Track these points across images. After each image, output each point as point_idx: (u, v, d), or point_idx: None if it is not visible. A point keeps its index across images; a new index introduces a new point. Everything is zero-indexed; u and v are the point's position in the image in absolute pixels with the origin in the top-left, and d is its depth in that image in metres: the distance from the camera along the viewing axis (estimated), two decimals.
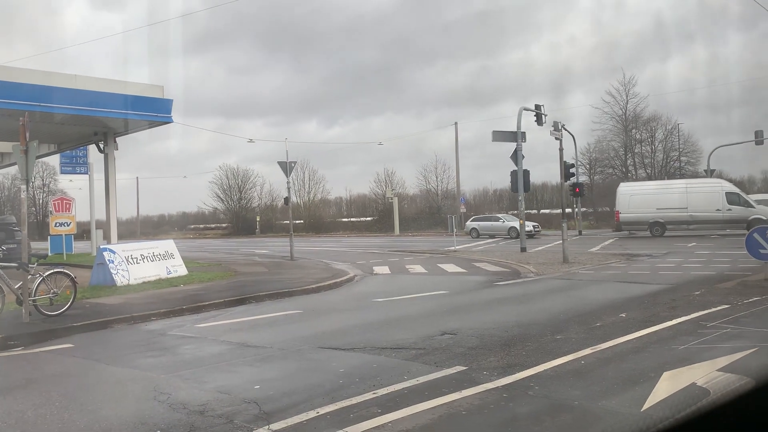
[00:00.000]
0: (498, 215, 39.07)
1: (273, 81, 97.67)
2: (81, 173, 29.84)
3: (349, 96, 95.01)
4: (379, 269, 18.44)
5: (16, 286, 9.99)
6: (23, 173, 10.06)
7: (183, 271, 16.42)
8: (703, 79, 72.05)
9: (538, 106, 24.23)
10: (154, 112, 17.38)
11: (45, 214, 53.21)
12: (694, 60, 63.58)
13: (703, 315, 8.59)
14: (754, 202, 29.83)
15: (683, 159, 52.24)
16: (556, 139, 20.07)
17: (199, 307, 11.13)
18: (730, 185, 31.78)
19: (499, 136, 24.17)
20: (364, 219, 61.75)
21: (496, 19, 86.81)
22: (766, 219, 26.39)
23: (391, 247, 29.69)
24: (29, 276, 10.02)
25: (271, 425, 4.62)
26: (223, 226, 70.19)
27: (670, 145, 52.50)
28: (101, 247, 15.72)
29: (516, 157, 23.61)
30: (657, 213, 30.84)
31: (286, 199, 25.19)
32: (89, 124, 17.84)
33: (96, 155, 23.28)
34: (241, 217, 66.16)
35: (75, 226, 27.01)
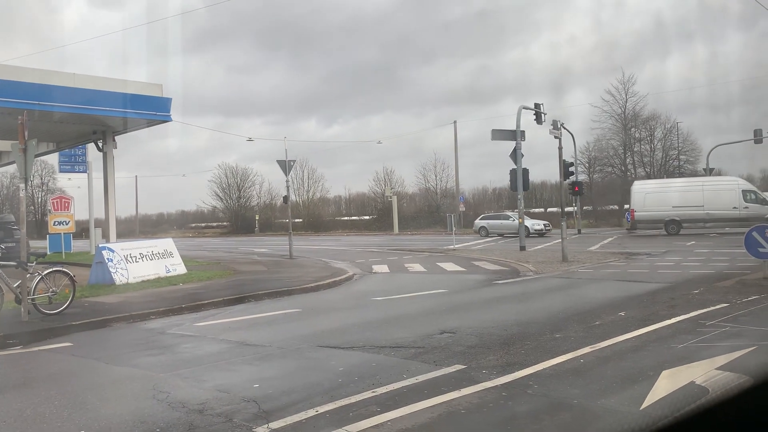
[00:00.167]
0: (508, 213, 38.14)
1: (272, 79, 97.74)
2: (80, 172, 29.84)
3: (348, 95, 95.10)
4: (378, 268, 18.44)
5: (15, 285, 9.98)
6: (22, 172, 10.05)
7: (182, 269, 16.42)
8: (703, 77, 72.22)
9: (537, 104, 24.24)
10: (153, 110, 17.36)
11: (44, 213, 53.14)
12: (694, 59, 63.69)
13: (702, 314, 8.59)
14: None
15: (682, 158, 52.28)
16: (556, 137, 20.05)
17: (198, 305, 11.13)
18: (746, 183, 31.64)
19: (498, 134, 24.19)
20: (364, 218, 61.77)
21: (495, 18, 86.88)
22: None
23: (390, 246, 29.71)
24: (28, 275, 10.01)
25: (270, 424, 4.62)
26: (222, 224, 70.19)
27: (669, 143, 52.54)
28: (100, 245, 15.72)
29: (515, 155, 23.63)
30: (673, 211, 30.63)
31: (285, 197, 25.16)
32: (88, 122, 17.81)
33: (95, 154, 23.30)
34: (240, 215, 66.19)
35: (74, 225, 26.98)
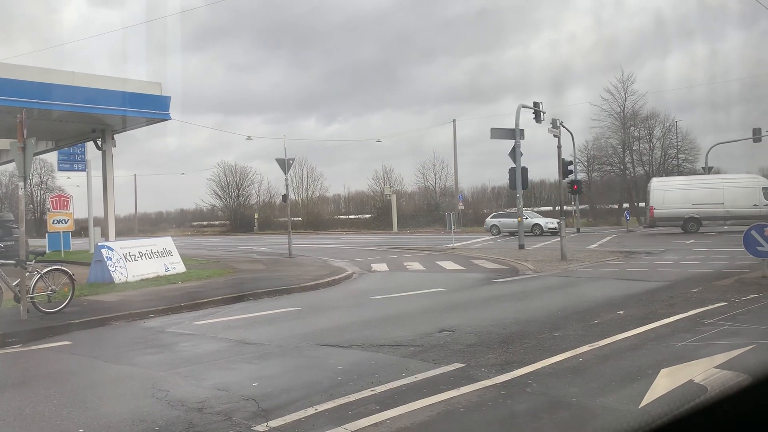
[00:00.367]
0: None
1: (272, 78, 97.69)
2: (79, 170, 29.79)
3: (348, 93, 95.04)
4: (377, 266, 18.44)
5: (14, 284, 9.97)
6: (21, 170, 10.04)
7: (181, 268, 16.41)
8: (703, 76, 72.23)
9: (536, 103, 24.24)
10: (152, 109, 17.36)
11: (43, 211, 53.02)
12: (694, 57, 63.64)
13: (700, 312, 8.60)
14: None
15: (681, 156, 52.32)
16: (555, 136, 20.08)
17: (198, 304, 11.13)
18: (767, 180, 31.50)
19: (497, 133, 24.20)
20: (363, 216, 61.72)
21: (495, 17, 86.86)
22: None
23: (389, 245, 29.71)
24: (27, 273, 10.01)
25: (269, 422, 4.62)
26: (221, 223, 70.16)
27: (668, 142, 52.56)
28: (99, 244, 15.72)
29: (514, 154, 23.64)
30: (692, 209, 30.46)
31: (285, 196, 25.13)
32: (87, 121, 17.81)
33: (94, 152, 23.25)
34: (239, 214, 66.15)
35: (73, 224, 26.94)
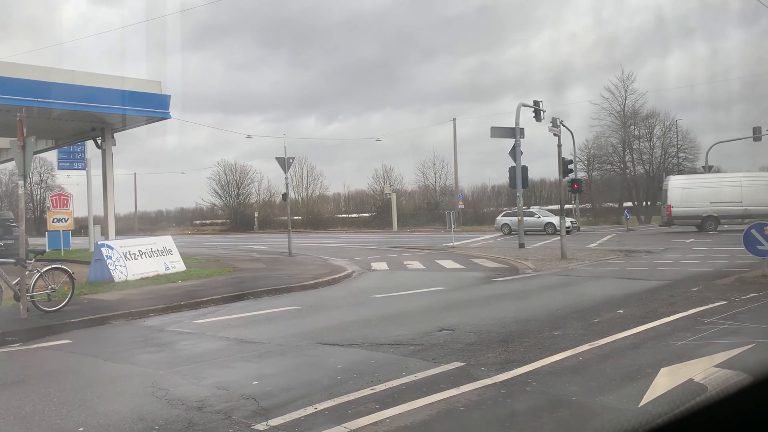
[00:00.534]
0: (532, 210, 36.69)
1: (272, 77, 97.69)
2: (78, 169, 29.76)
3: (348, 92, 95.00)
4: (377, 265, 18.44)
5: (14, 282, 9.98)
6: (20, 169, 10.04)
7: (181, 267, 16.40)
8: (703, 75, 72.07)
9: (536, 102, 24.22)
10: (152, 107, 17.37)
11: (42, 210, 53.06)
12: (694, 56, 63.66)
13: (700, 311, 8.61)
14: None
15: (681, 155, 52.29)
16: (555, 135, 20.02)
17: (197, 303, 11.13)
18: None
19: (497, 132, 24.19)
20: (363, 215, 61.72)
21: (496, 15, 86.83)
22: None
23: (389, 243, 29.72)
24: (27, 272, 10.01)
25: (269, 421, 4.62)
26: (221, 222, 70.16)
27: (668, 141, 52.51)
28: (99, 243, 15.71)
29: (514, 153, 23.63)
30: (710, 207, 30.24)
31: (284, 195, 25.11)
32: (87, 119, 17.82)
33: (94, 151, 23.22)
34: (239, 213, 66.16)
35: (73, 222, 26.92)
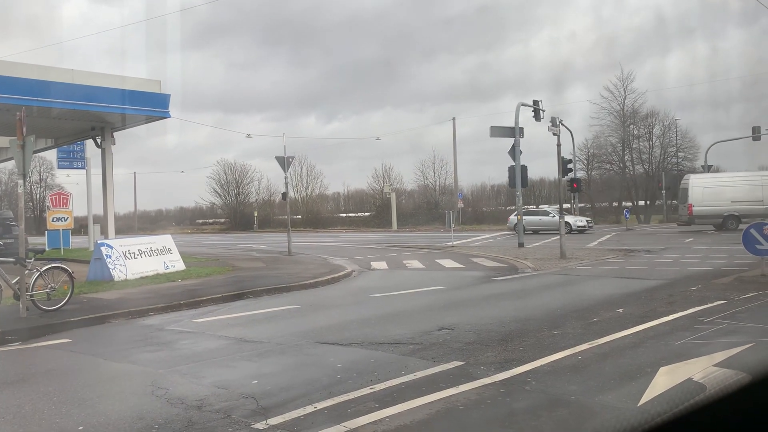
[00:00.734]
0: (546, 209, 36.13)
1: (272, 76, 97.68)
2: (78, 168, 29.74)
3: (348, 91, 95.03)
4: (376, 264, 18.44)
5: (14, 281, 9.97)
6: (20, 168, 10.03)
7: (181, 266, 16.40)
8: (703, 74, 72.07)
9: (536, 101, 24.22)
10: (152, 106, 17.35)
11: (42, 209, 53.05)
12: (694, 55, 63.61)
13: (700, 310, 8.61)
14: None
15: (681, 155, 52.33)
16: (554, 134, 20.02)
17: (197, 302, 11.13)
18: None
19: (497, 131, 24.18)
20: (362, 214, 61.73)
21: (496, 14, 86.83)
22: None
23: (388, 243, 29.71)
24: (26, 271, 10.01)
25: (268, 420, 4.62)
26: (220, 221, 70.14)
27: (667, 140, 52.54)
28: (98, 242, 15.70)
29: (514, 152, 23.63)
30: (731, 206, 30.04)
31: (284, 194, 25.10)
32: (86, 118, 17.80)
33: (93, 150, 23.19)
34: (238, 212, 66.12)
35: (72, 221, 26.91)
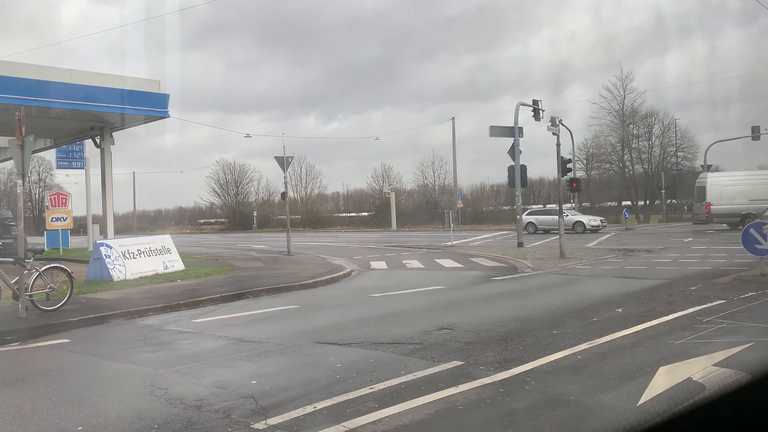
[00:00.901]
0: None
1: (272, 75, 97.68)
2: (77, 168, 29.73)
3: (348, 91, 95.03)
4: (376, 264, 18.44)
5: (13, 282, 9.97)
6: (19, 168, 10.03)
7: (180, 266, 16.40)
8: (702, 74, 72.00)
9: (535, 101, 24.22)
10: (151, 106, 17.36)
11: (41, 209, 53.04)
12: (693, 55, 63.71)
13: (699, 310, 8.61)
14: None
15: (680, 154, 52.39)
16: (554, 134, 20.02)
17: (196, 302, 11.12)
18: None
19: (496, 131, 24.18)
20: (362, 214, 61.74)
21: (495, 14, 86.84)
22: None
23: (388, 242, 29.71)
24: (25, 271, 10.00)
25: (268, 420, 4.62)
26: (220, 221, 70.11)
27: (667, 140, 52.58)
28: (98, 242, 15.70)
29: (513, 152, 23.63)
30: (750, 205, 29.86)
31: (283, 194, 25.11)
32: (85, 118, 17.80)
33: (92, 150, 23.19)
34: (238, 212, 66.12)
35: (71, 221, 26.90)
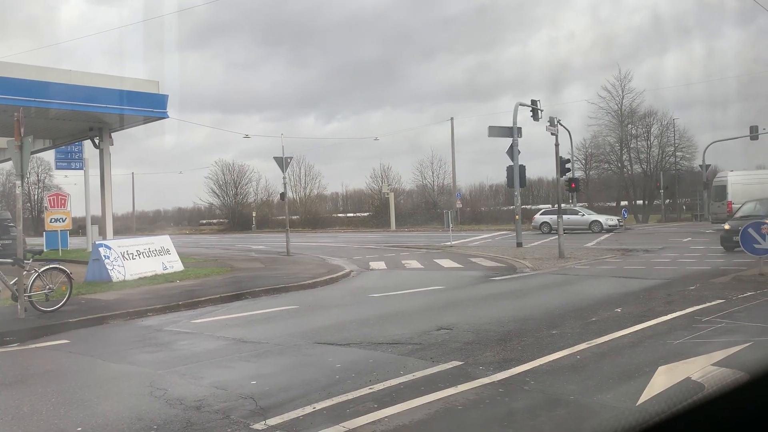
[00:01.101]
0: (575, 207, 34.96)
1: (272, 76, 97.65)
2: (76, 169, 29.71)
3: (347, 91, 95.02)
4: (375, 264, 18.44)
5: (12, 282, 9.96)
6: (18, 169, 10.02)
7: (179, 266, 16.38)
8: (700, 74, 72.20)
9: (534, 101, 24.25)
10: (150, 107, 17.34)
11: (40, 210, 53.03)
12: (691, 55, 63.73)
13: (698, 310, 8.62)
14: None
15: (679, 154, 52.44)
16: (552, 134, 20.03)
17: (196, 302, 11.12)
18: None
19: (495, 131, 24.20)
20: (361, 214, 61.70)
21: (494, 14, 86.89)
22: None
23: (387, 243, 29.71)
24: (24, 272, 9.99)
25: (267, 420, 4.62)
26: (219, 221, 70.09)
27: (665, 140, 52.65)
28: (97, 242, 15.68)
29: (512, 152, 23.63)
30: None
31: (282, 194, 25.10)
32: (84, 119, 17.78)
33: (91, 151, 23.18)
34: (237, 212, 66.08)
35: (70, 222, 26.88)
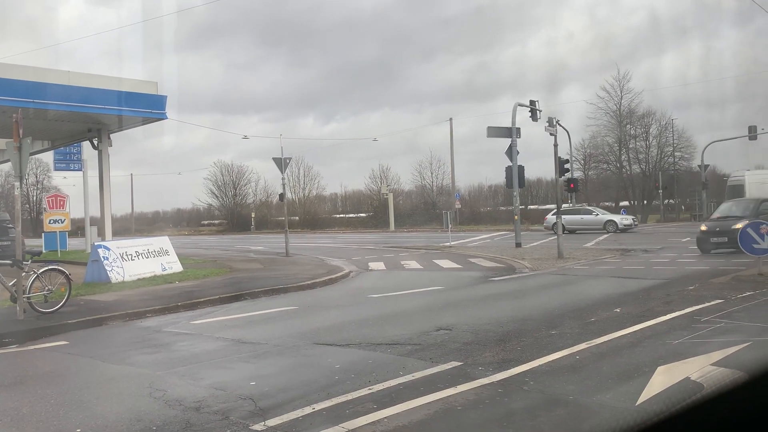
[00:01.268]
0: (589, 207, 34.85)
1: (271, 76, 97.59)
2: (75, 170, 29.68)
3: (346, 91, 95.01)
4: (374, 265, 18.44)
5: (11, 284, 9.95)
6: (16, 170, 10.01)
7: (178, 267, 16.38)
8: (699, 74, 72.27)
9: (532, 101, 24.29)
10: (148, 108, 17.32)
11: (39, 211, 53.01)
12: (690, 55, 63.85)
13: (697, 310, 8.63)
14: None
15: (677, 154, 52.49)
16: (551, 134, 20.04)
17: (195, 303, 11.11)
18: None
19: (494, 131, 24.22)
20: (360, 215, 61.71)
21: (493, 15, 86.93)
22: None
23: (386, 243, 29.71)
24: (23, 273, 9.97)
25: (266, 421, 4.62)
26: (218, 222, 70.09)
27: (664, 140, 52.68)
28: (96, 243, 15.67)
29: (511, 152, 23.65)
30: None
31: (281, 195, 25.12)
32: (83, 120, 17.75)
33: (90, 152, 23.17)
34: (236, 213, 66.10)
35: (69, 223, 26.88)
